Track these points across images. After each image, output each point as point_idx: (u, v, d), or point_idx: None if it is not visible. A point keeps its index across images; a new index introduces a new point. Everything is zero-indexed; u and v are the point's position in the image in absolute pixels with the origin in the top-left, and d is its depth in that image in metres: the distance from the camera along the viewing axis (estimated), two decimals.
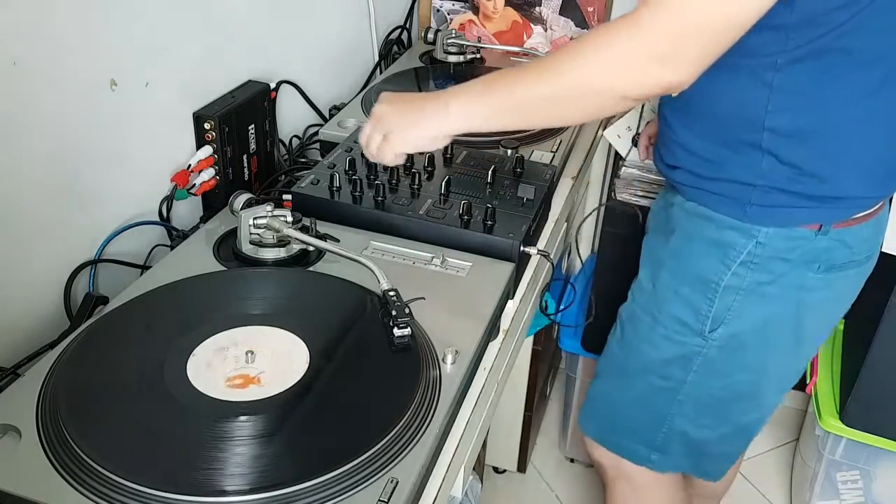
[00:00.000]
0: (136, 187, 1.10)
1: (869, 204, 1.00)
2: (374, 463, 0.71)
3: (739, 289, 1.03)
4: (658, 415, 1.17)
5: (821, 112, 0.91)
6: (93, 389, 0.78)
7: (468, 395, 0.90)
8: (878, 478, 1.67)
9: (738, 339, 1.06)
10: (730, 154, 0.97)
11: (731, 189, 0.99)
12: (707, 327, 1.06)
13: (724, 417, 1.16)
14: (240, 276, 0.97)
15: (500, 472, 1.89)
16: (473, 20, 1.81)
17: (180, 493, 0.67)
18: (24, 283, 0.94)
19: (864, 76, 0.89)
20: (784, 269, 1.01)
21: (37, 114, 0.91)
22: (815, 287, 1.02)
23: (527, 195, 1.12)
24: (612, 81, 0.82)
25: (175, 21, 1.10)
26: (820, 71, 0.88)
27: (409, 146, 0.97)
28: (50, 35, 0.90)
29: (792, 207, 0.97)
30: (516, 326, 1.08)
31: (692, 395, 1.13)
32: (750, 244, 1.00)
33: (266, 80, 1.28)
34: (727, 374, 1.10)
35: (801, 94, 0.90)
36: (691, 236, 1.06)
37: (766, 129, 0.93)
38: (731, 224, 1.00)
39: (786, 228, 0.98)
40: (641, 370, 1.16)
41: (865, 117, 0.92)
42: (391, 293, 0.89)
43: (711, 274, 1.03)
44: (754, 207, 0.98)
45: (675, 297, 1.08)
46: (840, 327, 1.82)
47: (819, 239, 0.98)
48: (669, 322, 1.10)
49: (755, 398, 1.16)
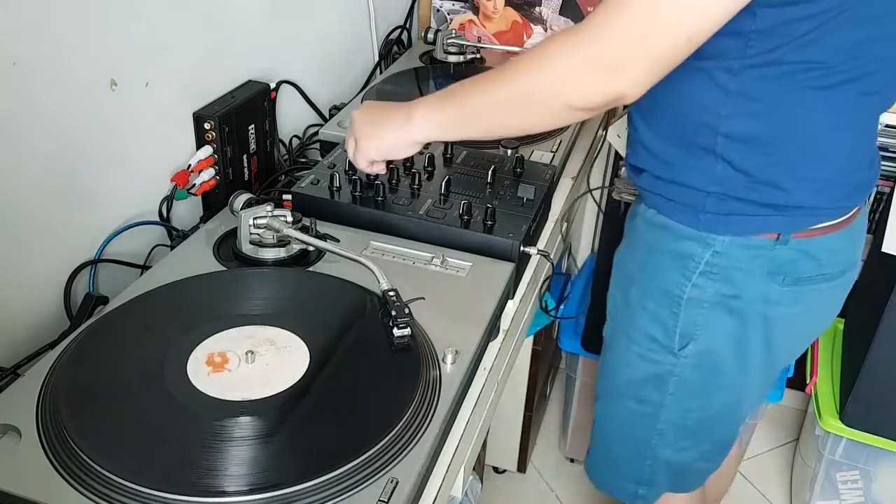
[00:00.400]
0: (136, 187, 1.10)
1: (831, 214, 0.95)
2: (374, 463, 0.71)
3: (703, 301, 0.99)
4: (641, 447, 1.14)
5: (776, 120, 0.88)
6: (93, 389, 0.78)
7: (468, 395, 0.90)
8: (878, 478, 1.68)
9: (712, 356, 1.03)
10: (686, 157, 0.94)
11: (686, 195, 0.96)
12: (676, 344, 1.03)
13: (704, 437, 1.13)
14: (240, 276, 0.97)
15: (500, 472, 1.89)
16: (473, 20, 1.81)
17: (180, 493, 0.67)
18: (24, 283, 0.94)
19: (822, 87, 0.85)
20: (747, 281, 0.97)
21: (37, 114, 0.91)
22: (782, 301, 0.98)
23: (527, 195, 1.12)
24: (558, 90, 0.82)
25: (175, 21, 1.10)
26: (777, 78, 0.85)
27: (375, 153, 1.01)
28: (50, 35, 0.90)
29: (747, 215, 0.93)
30: (516, 326, 1.08)
31: (672, 420, 1.10)
32: (707, 254, 0.96)
33: (266, 80, 1.28)
34: (705, 394, 1.07)
35: (757, 100, 0.87)
36: (653, 248, 1.02)
37: (721, 134, 0.90)
38: (688, 234, 0.97)
39: (742, 237, 0.95)
40: (620, 393, 1.13)
41: (823, 128, 0.89)
42: (391, 293, 0.89)
43: (673, 286, 1.00)
44: (709, 215, 0.95)
45: (643, 312, 1.05)
46: (840, 327, 1.82)
47: (779, 249, 0.95)
48: (642, 339, 1.06)
49: (734, 415, 1.13)
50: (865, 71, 0.85)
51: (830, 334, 1.81)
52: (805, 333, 1.10)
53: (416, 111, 0.95)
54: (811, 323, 1.08)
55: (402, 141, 0.98)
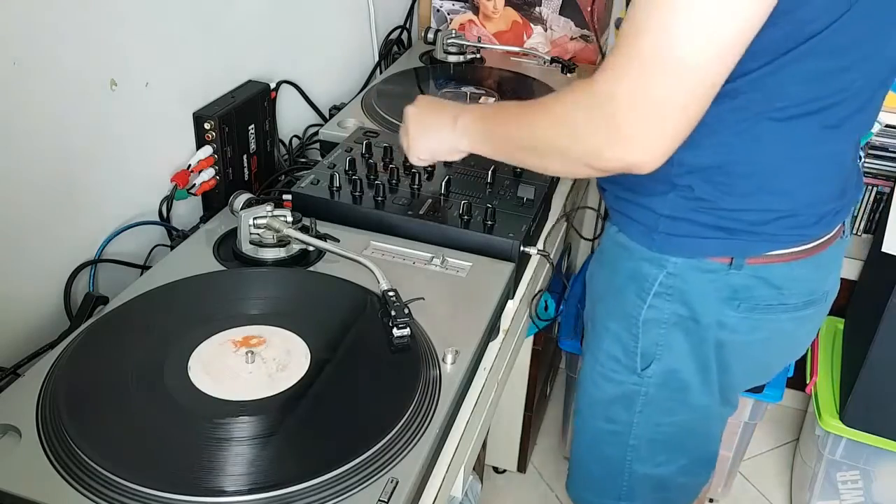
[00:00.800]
0: (136, 187, 1.10)
1: (789, 242, 0.92)
2: (374, 463, 0.71)
3: (661, 322, 0.97)
4: (614, 463, 1.12)
5: (733, 151, 0.86)
6: (93, 389, 0.78)
7: (468, 395, 0.90)
8: (878, 478, 1.68)
9: (676, 375, 1.01)
10: (642, 180, 0.91)
11: (642, 215, 0.95)
12: (638, 364, 1.01)
13: (680, 451, 1.11)
14: (240, 276, 0.97)
15: (500, 472, 1.89)
16: (473, 20, 1.81)
17: (180, 493, 0.67)
18: (24, 283, 0.94)
19: (781, 119, 0.84)
20: (701, 304, 0.95)
21: (37, 114, 0.91)
22: (738, 328, 0.96)
23: (527, 195, 1.12)
24: (573, 147, 0.81)
25: (175, 21, 1.10)
26: (734, 110, 0.83)
27: (424, 153, 1.03)
28: (50, 35, 0.90)
29: (699, 238, 0.91)
30: (516, 326, 1.08)
31: (643, 435, 1.08)
32: (661, 275, 0.94)
33: (266, 80, 1.28)
34: (673, 411, 1.05)
35: (714, 131, 0.84)
36: (615, 268, 1.01)
37: (675, 162, 0.85)
38: (643, 254, 0.96)
39: (695, 260, 0.93)
40: (589, 413, 1.12)
41: (782, 160, 0.87)
42: (391, 293, 0.89)
43: (631, 308, 0.98)
44: (662, 236, 0.93)
45: (606, 332, 1.04)
46: (840, 327, 1.82)
47: (733, 274, 0.92)
48: (606, 360, 1.05)
49: (706, 432, 1.12)
50: (828, 103, 0.83)
51: (830, 334, 1.81)
52: (765, 362, 1.07)
53: (460, 118, 0.96)
54: (772, 353, 1.05)
55: (448, 146, 0.99)
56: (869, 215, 1.82)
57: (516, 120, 0.89)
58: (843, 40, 0.79)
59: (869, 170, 1.75)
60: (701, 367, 1.00)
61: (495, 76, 1.61)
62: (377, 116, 1.37)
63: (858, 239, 1.84)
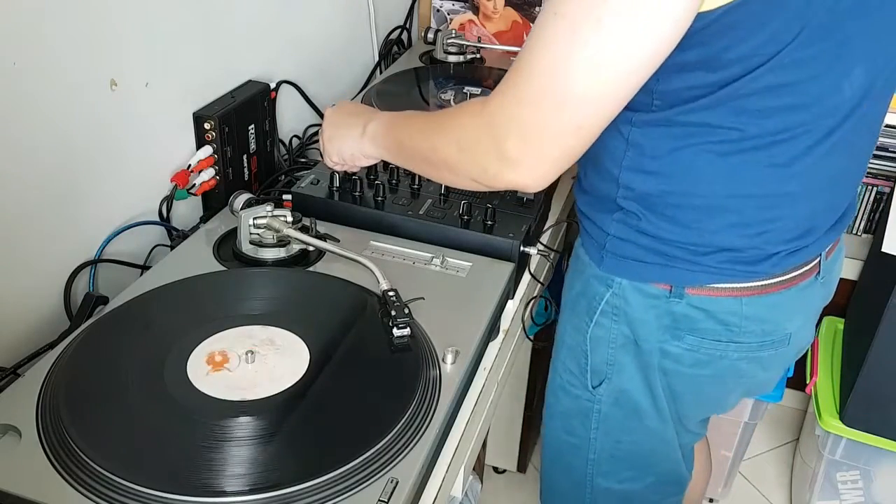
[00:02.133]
0: (136, 187, 1.10)
1: (729, 276, 0.88)
2: (374, 463, 0.71)
3: (609, 341, 0.96)
4: (576, 476, 1.11)
5: (672, 181, 0.84)
6: (93, 389, 0.78)
7: (468, 395, 0.90)
8: (878, 478, 1.68)
9: (627, 396, 0.99)
10: (594, 199, 0.93)
11: (595, 232, 0.94)
12: (589, 381, 1.00)
13: (644, 470, 1.08)
14: (240, 276, 0.97)
15: (500, 472, 1.89)
16: (473, 20, 1.81)
17: (180, 493, 0.67)
18: (24, 283, 0.94)
19: (723, 150, 0.81)
20: (644, 329, 0.93)
21: (37, 114, 0.91)
22: (681, 360, 0.94)
23: (527, 195, 1.12)
24: (461, 162, 0.82)
25: (175, 21, 1.10)
26: (671, 138, 0.81)
27: (335, 156, 1.05)
28: (50, 35, 0.90)
29: (641, 262, 0.90)
30: (516, 326, 1.08)
31: (602, 451, 1.06)
32: (607, 294, 0.94)
33: (266, 80, 1.28)
34: (629, 430, 1.03)
35: (654, 157, 0.84)
36: (574, 282, 1.01)
37: (621, 185, 0.87)
38: (594, 272, 0.95)
39: (638, 283, 0.91)
40: (551, 423, 1.11)
41: (722, 197, 0.84)
42: (391, 293, 0.89)
43: (581, 323, 0.98)
44: (609, 255, 0.92)
45: (563, 345, 1.04)
46: (840, 327, 1.82)
47: (673, 302, 0.90)
48: (563, 372, 1.05)
49: (668, 455, 1.07)
50: (775, 139, 0.80)
51: (830, 334, 1.82)
52: (718, 397, 1.03)
53: (369, 127, 0.98)
54: (726, 389, 1.01)
55: (357, 152, 1.02)
56: (869, 215, 1.82)
57: (417, 131, 0.90)
58: (781, 79, 0.76)
59: (869, 170, 1.75)
60: (650, 391, 0.98)
61: (495, 76, 1.61)
62: None
63: (858, 239, 1.85)
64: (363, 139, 0.99)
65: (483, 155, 0.78)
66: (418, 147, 0.89)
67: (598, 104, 0.72)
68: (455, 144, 0.82)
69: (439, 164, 0.86)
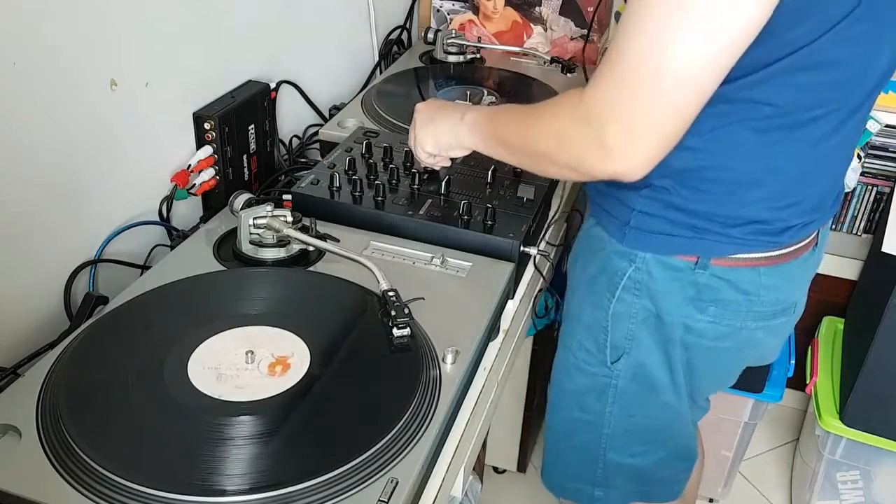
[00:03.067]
0: (136, 187, 1.10)
1: (755, 246, 0.92)
2: (374, 463, 0.71)
3: (630, 316, 0.98)
4: (589, 451, 1.13)
5: (709, 157, 0.87)
6: (93, 389, 0.78)
7: (468, 395, 0.90)
8: (878, 478, 1.68)
9: (645, 370, 1.02)
10: None
11: (616, 208, 0.96)
12: (608, 357, 1.02)
13: (657, 444, 1.11)
14: (240, 276, 0.97)
15: (500, 472, 1.89)
16: (473, 20, 1.81)
17: (180, 493, 0.67)
18: (24, 283, 0.94)
19: (761, 130, 0.84)
20: (668, 303, 0.96)
21: (37, 114, 0.91)
22: (705, 333, 0.97)
23: (527, 195, 1.12)
24: (560, 153, 0.83)
25: (175, 21, 1.10)
26: (718, 115, 0.83)
27: (431, 145, 1.04)
28: (50, 35, 0.90)
29: (667, 235, 0.92)
30: (516, 326, 1.08)
31: (617, 425, 1.08)
32: (630, 269, 0.96)
33: (266, 80, 1.28)
34: (645, 405, 1.06)
35: (696, 135, 0.84)
36: (589, 260, 1.02)
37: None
38: (615, 248, 0.96)
39: (662, 256, 0.94)
40: (563, 403, 1.12)
41: (757, 172, 0.87)
42: (390, 293, 0.89)
43: (601, 300, 1.00)
44: (632, 230, 0.94)
45: (578, 324, 1.05)
46: (840, 327, 1.82)
47: (699, 273, 0.93)
48: (578, 351, 1.06)
49: (680, 429, 1.11)
50: (811, 116, 0.83)
51: (830, 334, 1.82)
52: (732, 369, 1.08)
53: (468, 116, 0.98)
54: (741, 360, 1.06)
55: (453, 140, 1.01)
56: (869, 215, 1.82)
57: (517, 122, 0.91)
58: (830, 55, 0.78)
59: (869, 170, 1.76)
60: (668, 366, 1.01)
61: (495, 76, 1.61)
62: (377, 116, 1.37)
63: (858, 239, 1.85)
64: (461, 126, 0.99)
65: (582, 146, 0.79)
66: (517, 138, 0.90)
67: (694, 85, 0.73)
68: (554, 136, 0.83)
69: (539, 155, 0.87)
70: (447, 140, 1.02)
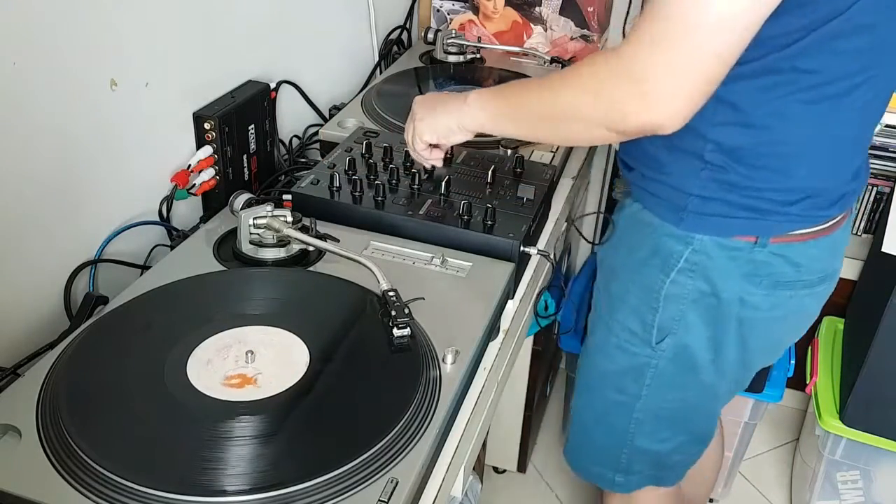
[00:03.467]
0: (136, 187, 1.10)
1: (810, 222, 0.97)
2: (374, 463, 0.71)
3: (682, 298, 1.01)
4: (618, 435, 1.16)
5: (764, 132, 0.89)
6: (93, 389, 0.78)
7: (468, 395, 0.90)
8: (878, 478, 1.68)
9: (688, 351, 1.05)
10: (675, 160, 0.96)
11: (670, 194, 0.98)
12: (653, 337, 1.05)
13: (681, 428, 1.15)
14: (240, 276, 0.97)
15: (500, 472, 1.89)
16: (473, 20, 1.81)
17: (180, 493, 0.67)
18: (24, 283, 0.94)
19: (809, 101, 0.87)
20: (724, 281, 0.98)
21: (37, 114, 0.91)
22: (759, 306, 1.00)
23: (527, 195, 1.12)
24: (595, 113, 0.83)
25: (175, 21, 1.10)
26: (766, 89, 0.86)
27: (429, 134, 1.04)
28: (50, 35, 0.90)
29: (727, 217, 0.95)
30: (516, 326, 1.08)
31: (648, 409, 1.12)
32: (686, 251, 0.98)
33: (266, 80, 1.28)
34: (681, 387, 1.09)
35: (747, 110, 0.88)
36: (635, 243, 1.04)
37: (710, 140, 0.91)
38: (669, 231, 0.99)
39: (721, 238, 0.96)
40: (599, 384, 1.15)
41: (808, 142, 0.90)
42: (391, 293, 0.89)
43: (652, 282, 1.02)
44: (690, 214, 0.96)
45: (623, 305, 1.07)
46: (840, 327, 1.82)
47: (757, 251, 0.96)
48: (621, 331, 1.08)
49: (709, 409, 1.15)
50: (856, 82, 0.86)
51: (830, 334, 1.82)
52: (781, 338, 1.11)
53: (470, 98, 0.99)
54: (788, 329, 1.09)
55: (454, 124, 1.01)
56: (869, 215, 1.82)
57: (536, 91, 0.91)
58: (868, 19, 0.81)
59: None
60: (714, 345, 1.03)
61: (495, 76, 1.61)
62: (377, 116, 1.37)
63: (858, 239, 1.85)
64: (464, 109, 0.99)
65: (621, 98, 0.79)
66: (538, 104, 0.91)
67: (732, 29, 0.75)
68: (591, 94, 0.83)
69: (568, 118, 0.87)
70: (447, 124, 1.01)
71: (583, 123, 0.86)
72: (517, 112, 0.94)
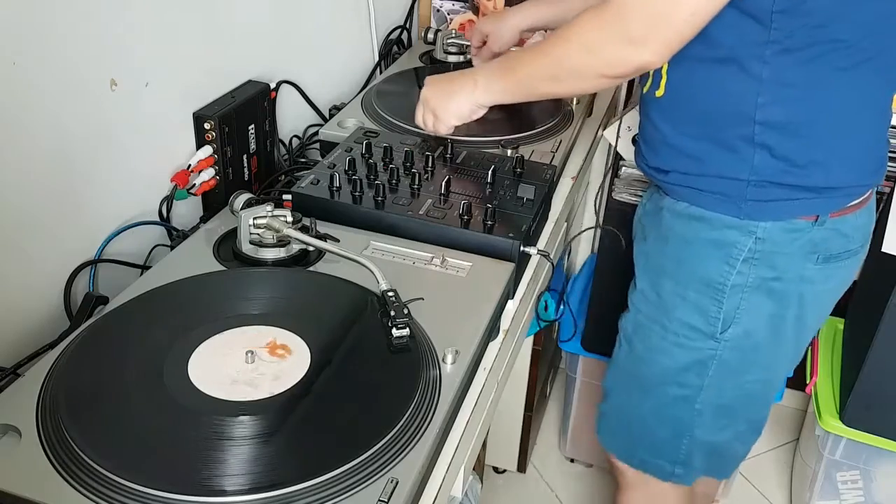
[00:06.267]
0: (136, 187, 1.10)
1: (861, 192, 1.01)
2: (374, 463, 0.71)
3: (745, 286, 1.04)
4: (678, 427, 1.18)
5: (811, 102, 0.92)
6: (93, 389, 0.78)
7: (468, 395, 0.90)
8: (878, 478, 1.68)
9: (750, 337, 1.07)
10: (722, 151, 0.98)
11: (725, 186, 1.00)
12: (718, 329, 1.07)
13: (740, 415, 1.17)
14: (240, 276, 0.97)
15: (500, 472, 1.89)
16: (473, 20, 1.81)
17: (180, 493, 0.67)
18: (24, 283, 0.94)
19: (853, 66, 0.90)
20: (787, 263, 1.02)
21: (37, 114, 0.91)
22: (815, 279, 1.04)
23: (527, 195, 1.12)
24: (590, 62, 0.92)
25: (175, 21, 1.10)
26: (808, 61, 0.89)
27: (453, 118, 1.14)
28: (50, 35, 0.90)
29: (788, 200, 0.98)
30: (516, 326, 1.08)
31: (709, 400, 1.13)
32: (750, 241, 1.01)
33: (266, 80, 1.28)
34: (742, 373, 1.11)
35: (792, 85, 0.91)
36: (689, 240, 1.06)
37: (758, 122, 0.94)
38: (729, 222, 1.01)
39: (783, 221, 0.99)
40: (658, 382, 1.16)
41: (851, 107, 0.94)
42: (390, 293, 0.89)
43: (716, 275, 1.04)
44: (750, 203, 0.99)
45: (682, 302, 1.09)
46: (840, 327, 1.82)
47: (816, 230, 1.00)
48: (680, 328, 1.10)
49: (766, 393, 1.18)
50: (882, 47, 0.89)
51: (830, 334, 1.81)
52: (829, 308, 1.14)
53: (479, 76, 1.09)
54: (835, 297, 1.13)
55: (472, 105, 1.11)
56: None
57: (536, 56, 1.00)
58: None
59: None
60: (775, 325, 1.06)
61: None
62: (377, 116, 1.37)
63: None
64: (476, 92, 1.09)
65: (613, 45, 0.89)
66: (541, 68, 1.00)
67: None
68: (584, 46, 0.92)
69: (566, 74, 0.97)
70: (467, 108, 1.11)
71: (583, 76, 0.95)
72: (521, 82, 1.03)
